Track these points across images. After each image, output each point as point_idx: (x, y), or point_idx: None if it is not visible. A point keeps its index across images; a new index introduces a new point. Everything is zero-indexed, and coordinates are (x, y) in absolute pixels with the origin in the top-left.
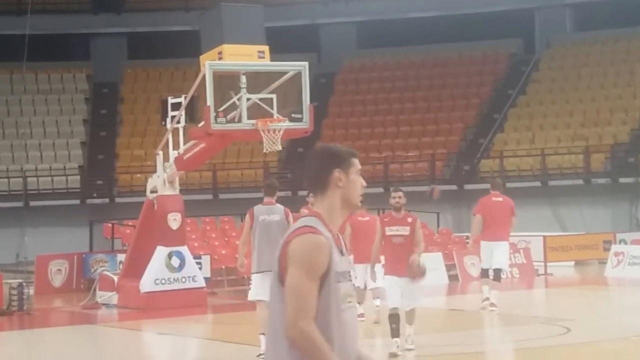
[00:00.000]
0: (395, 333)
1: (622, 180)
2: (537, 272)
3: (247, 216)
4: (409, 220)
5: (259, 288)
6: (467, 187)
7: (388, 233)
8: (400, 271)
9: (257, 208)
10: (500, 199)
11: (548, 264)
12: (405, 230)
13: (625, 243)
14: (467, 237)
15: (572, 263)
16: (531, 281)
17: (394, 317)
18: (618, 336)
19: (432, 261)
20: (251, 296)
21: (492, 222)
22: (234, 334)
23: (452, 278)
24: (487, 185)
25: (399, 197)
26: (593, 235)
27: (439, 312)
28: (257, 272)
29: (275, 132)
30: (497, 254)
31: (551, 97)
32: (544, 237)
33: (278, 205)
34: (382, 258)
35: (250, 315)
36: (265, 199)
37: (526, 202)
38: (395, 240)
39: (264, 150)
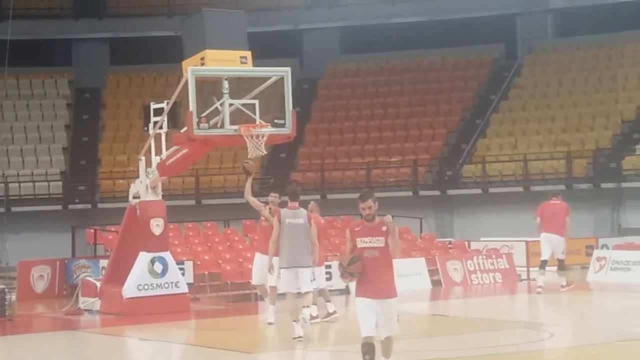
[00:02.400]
0: None
1: (604, 185)
2: (520, 277)
3: (275, 219)
4: (384, 229)
5: (288, 282)
6: (450, 192)
7: (360, 246)
8: (375, 292)
9: (284, 212)
10: (557, 202)
11: (530, 268)
12: (379, 242)
13: (608, 248)
14: (450, 243)
15: (555, 268)
16: (514, 286)
17: (367, 347)
18: (601, 341)
19: (415, 266)
20: (281, 288)
21: (554, 221)
22: (217, 340)
23: (435, 283)
24: (470, 191)
25: (369, 208)
26: (575, 240)
27: (422, 318)
28: (284, 268)
29: (259, 137)
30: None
31: (533, 102)
32: (527, 242)
33: (302, 209)
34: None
35: (232, 321)
36: (290, 204)
37: (508, 207)
38: (367, 255)
39: (249, 156)
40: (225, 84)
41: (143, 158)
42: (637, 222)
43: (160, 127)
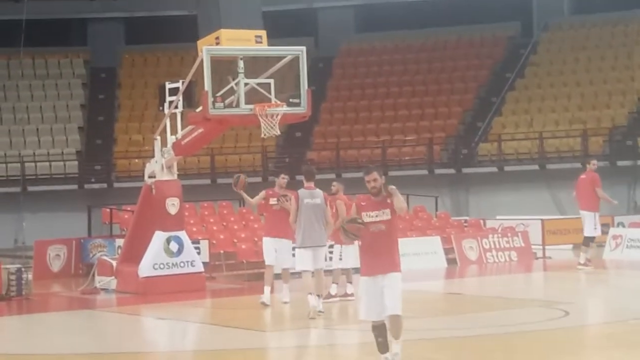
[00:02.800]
0: (382, 348)
1: (620, 163)
2: (536, 256)
3: (293, 199)
4: (389, 200)
5: (305, 260)
6: (465, 170)
7: (366, 220)
8: (380, 267)
9: (301, 192)
10: (584, 176)
11: (546, 247)
12: (385, 215)
13: (624, 226)
14: (465, 221)
15: (571, 246)
16: (529, 264)
17: (379, 329)
18: (616, 319)
19: (431, 245)
20: (298, 267)
21: (579, 195)
22: (232, 319)
23: (451, 262)
24: (486, 169)
25: (374, 181)
26: None
27: (437, 296)
28: (301, 247)
29: (273, 117)
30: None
31: (549, 80)
32: (542, 220)
33: (318, 189)
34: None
35: (248, 300)
36: (306, 184)
37: (524, 185)
38: (373, 229)
39: (262, 135)
40: (241, 64)
41: (158, 137)
42: None
43: (176, 107)
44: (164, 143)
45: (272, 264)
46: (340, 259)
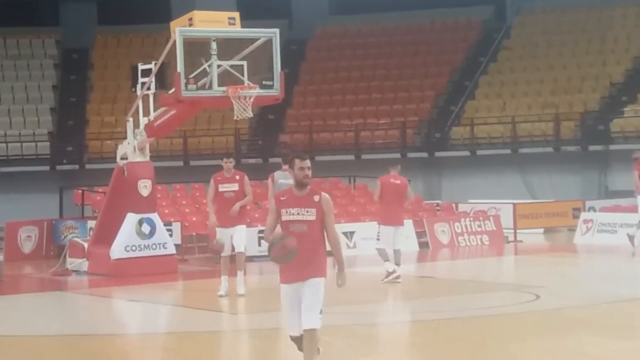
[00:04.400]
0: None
1: (591, 148)
2: (507, 239)
3: (269, 180)
4: (316, 199)
5: None
6: (438, 154)
7: (285, 218)
8: (300, 274)
9: (277, 173)
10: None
11: (518, 231)
12: (310, 214)
13: (595, 210)
14: (437, 205)
15: (542, 230)
16: (501, 248)
17: (299, 342)
18: (586, 303)
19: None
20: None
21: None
22: (204, 301)
23: (423, 245)
24: (458, 153)
25: (309, 169)
26: (562, 202)
27: (409, 279)
28: None
29: (246, 99)
30: None
31: (522, 64)
32: (514, 204)
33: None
34: None
35: (219, 282)
36: (283, 167)
37: (496, 169)
38: (293, 229)
39: (235, 118)
40: (214, 45)
41: (131, 119)
42: (624, 185)
43: (148, 88)
44: (136, 125)
45: (227, 255)
46: (378, 239)
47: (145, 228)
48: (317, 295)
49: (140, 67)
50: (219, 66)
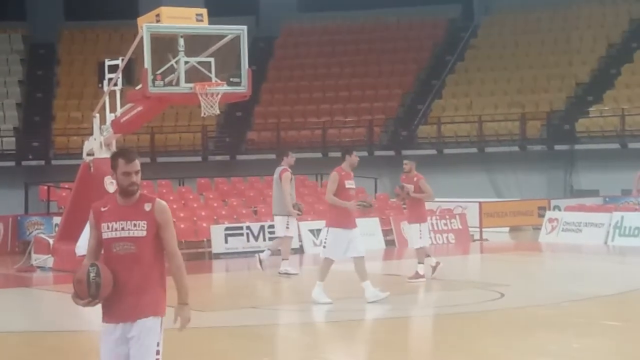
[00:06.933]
0: None
1: (557, 147)
2: (473, 238)
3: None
4: (147, 208)
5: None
6: (405, 152)
7: (106, 236)
8: (123, 313)
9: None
10: None
11: (483, 229)
12: (139, 229)
13: (560, 209)
14: (404, 203)
15: (507, 229)
16: (467, 247)
17: None
18: (550, 302)
19: (369, 226)
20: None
21: None
22: (170, 298)
23: (389, 243)
24: (425, 151)
25: (136, 173)
26: (528, 201)
27: (374, 277)
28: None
29: (214, 96)
30: None
31: (489, 63)
32: (480, 203)
33: (278, 167)
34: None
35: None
36: (282, 162)
37: (462, 168)
38: (118, 249)
39: (202, 114)
40: (181, 42)
41: (97, 115)
42: (589, 184)
43: (115, 84)
44: (103, 121)
45: None
46: (420, 238)
47: None
48: (150, 342)
49: (107, 63)
50: (186, 63)
